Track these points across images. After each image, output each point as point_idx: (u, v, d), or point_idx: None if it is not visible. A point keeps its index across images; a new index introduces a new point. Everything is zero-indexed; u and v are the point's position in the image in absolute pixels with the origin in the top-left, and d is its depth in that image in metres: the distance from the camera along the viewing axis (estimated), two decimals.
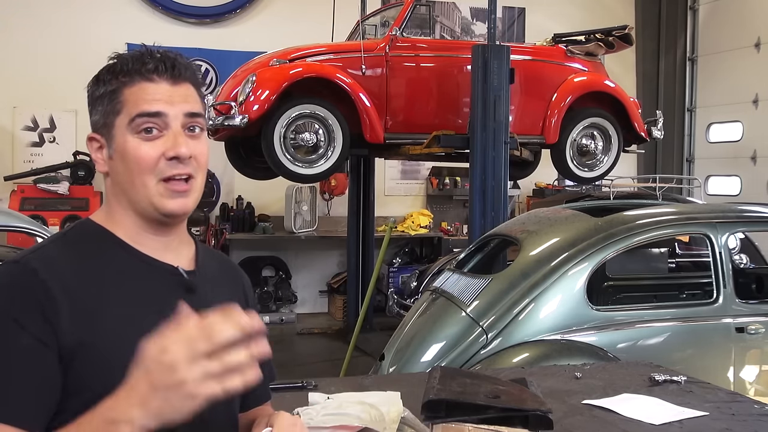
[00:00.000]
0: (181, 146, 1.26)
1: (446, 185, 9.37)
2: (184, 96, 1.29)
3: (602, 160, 6.75)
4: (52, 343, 1.14)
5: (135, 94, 1.26)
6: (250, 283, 1.57)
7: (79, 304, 1.19)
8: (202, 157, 1.31)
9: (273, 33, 8.26)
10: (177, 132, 1.27)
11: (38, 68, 8.08)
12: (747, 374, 3.77)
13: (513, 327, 3.55)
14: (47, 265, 1.21)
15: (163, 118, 1.26)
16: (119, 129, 1.27)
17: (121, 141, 1.27)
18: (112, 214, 1.33)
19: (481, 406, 1.89)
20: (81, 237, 1.31)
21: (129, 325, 1.21)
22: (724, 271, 3.80)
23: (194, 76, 1.34)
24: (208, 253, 1.47)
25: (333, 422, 1.99)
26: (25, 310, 1.15)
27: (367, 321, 7.15)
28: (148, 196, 1.27)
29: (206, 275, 1.40)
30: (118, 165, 1.28)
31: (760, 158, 9.10)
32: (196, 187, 1.30)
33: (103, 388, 1.14)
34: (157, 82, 1.28)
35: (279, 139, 5.66)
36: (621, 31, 6.80)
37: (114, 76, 1.29)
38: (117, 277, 1.26)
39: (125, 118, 1.26)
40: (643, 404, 2.40)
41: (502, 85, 5.60)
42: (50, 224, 7.24)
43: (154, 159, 1.25)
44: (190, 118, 1.29)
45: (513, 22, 9.83)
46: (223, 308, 1.37)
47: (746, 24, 9.27)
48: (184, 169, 1.27)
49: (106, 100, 1.28)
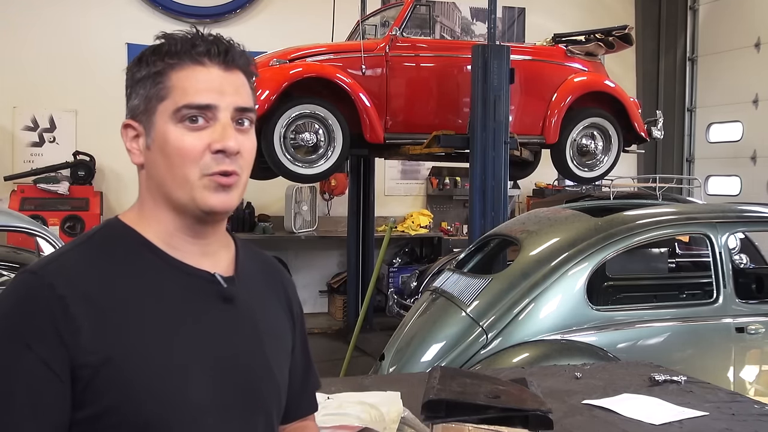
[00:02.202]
0: (229, 139, 1.15)
1: (446, 185, 9.36)
2: (235, 86, 1.18)
3: (602, 160, 6.74)
4: (63, 365, 1.05)
5: (183, 79, 1.15)
6: (293, 283, 1.45)
7: (105, 317, 1.09)
8: (249, 153, 1.20)
9: (273, 33, 8.25)
10: (225, 124, 1.16)
11: (38, 68, 8.07)
12: (747, 374, 3.77)
13: (513, 327, 3.55)
14: (67, 276, 1.10)
15: (212, 110, 1.15)
16: (162, 116, 1.16)
17: (162, 130, 1.15)
18: (144, 212, 1.21)
19: (481, 406, 1.89)
20: (108, 240, 1.19)
21: (160, 340, 1.12)
22: (724, 271, 3.80)
23: (247, 65, 1.21)
24: (249, 255, 1.33)
25: (333, 422, 2.00)
26: (35, 330, 1.05)
27: (367, 321, 7.14)
28: (189, 190, 1.15)
29: (247, 281, 1.27)
30: (157, 156, 1.17)
31: (760, 158, 9.09)
32: (240, 183, 1.19)
33: (127, 414, 1.08)
34: (209, 66, 1.16)
35: (279, 139, 5.65)
36: (621, 31, 6.79)
37: (160, 57, 1.16)
38: (147, 286, 1.15)
39: (170, 105, 1.15)
40: (643, 404, 2.40)
41: (502, 85, 5.60)
42: (50, 224, 7.23)
43: (198, 151, 1.14)
44: (240, 112, 1.18)
45: (513, 22, 9.82)
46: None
47: (746, 24, 9.26)
48: (230, 165, 1.16)
49: (149, 83, 1.16)
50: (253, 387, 1.22)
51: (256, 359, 1.24)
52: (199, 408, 1.13)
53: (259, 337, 1.25)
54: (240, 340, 1.22)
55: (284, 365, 1.32)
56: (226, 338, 1.20)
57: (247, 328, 1.24)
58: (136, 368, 1.08)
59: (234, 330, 1.21)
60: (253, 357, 1.23)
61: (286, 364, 1.33)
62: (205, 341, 1.17)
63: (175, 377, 1.12)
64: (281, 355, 1.32)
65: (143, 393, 1.08)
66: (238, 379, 1.19)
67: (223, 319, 1.20)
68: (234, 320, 1.22)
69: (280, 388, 1.29)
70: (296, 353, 1.38)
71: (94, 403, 1.07)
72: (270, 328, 1.29)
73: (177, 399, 1.11)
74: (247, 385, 1.21)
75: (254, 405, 1.22)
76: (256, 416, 1.23)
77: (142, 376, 1.08)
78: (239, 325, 1.23)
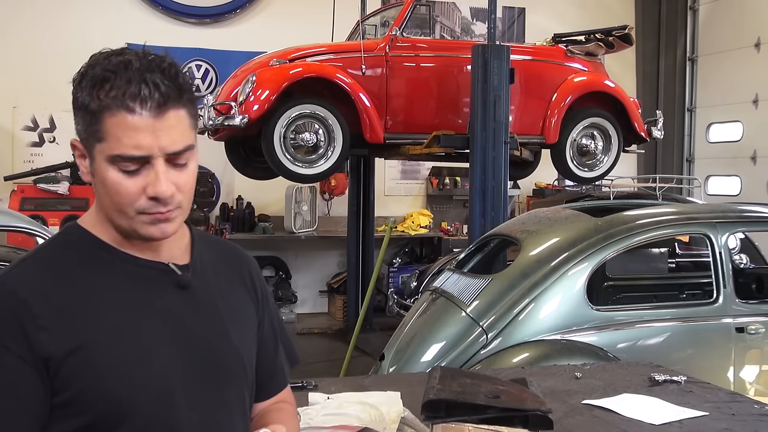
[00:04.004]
0: (161, 186, 1.19)
1: (446, 185, 9.37)
2: (169, 129, 1.19)
3: (602, 160, 6.74)
4: (36, 360, 1.15)
5: (116, 126, 1.17)
6: (256, 266, 1.51)
7: (65, 313, 1.18)
8: (187, 185, 1.24)
9: (273, 33, 8.26)
10: (159, 171, 1.19)
11: (38, 68, 8.07)
12: (747, 374, 3.76)
13: (513, 327, 3.55)
14: (27, 282, 1.20)
15: (146, 158, 1.19)
16: (99, 155, 1.20)
17: (101, 168, 1.20)
18: (99, 215, 1.29)
19: (481, 406, 1.89)
20: (66, 245, 1.28)
21: (120, 330, 1.21)
22: (724, 271, 3.80)
23: (181, 96, 1.21)
24: (206, 243, 1.41)
25: (333, 422, 2.00)
26: (6, 332, 1.15)
27: (367, 321, 7.14)
28: (129, 222, 1.23)
29: (203, 267, 1.36)
30: (99, 188, 1.23)
31: (760, 158, 9.09)
32: (180, 213, 1.25)
33: (95, 398, 1.17)
34: (141, 115, 1.16)
35: (279, 139, 5.65)
36: (621, 31, 6.79)
37: (95, 91, 1.18)
38: (105, 281, 1.24)
39: (106, 149, 1.18)
40: (643, 404, 2.40)
41: (502, 85, 5.60)
42: (50, 224, 7.23)
43: (134, 194, 1.20)
44: (175, 156, 1.21)
45: (513, 22, 9.83)
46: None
47: (746, 24, 9.26)
48: (165, 207, 1.21)
49: (87, 118, 1.19)
50: (218, 364, 1.30)
51: (219, 338, 1.32)
52: (165, 387, 1.22)
53: (220, 318, 1.33)
54: (200, 322, 1.30)
55: (250, 343, 1.40)
56: (186, 321, 1.28)
57: (207, 309, 1.32)
58: (99, 356, 1.18)
59: (193, 312, 1.30)
60: (215, 336, 1.31)
61: (252, 342, 1.41)
62: (165, 325, 1.26)
63: (138, 360, 1.20)
64: (246, 333, 1.40)
65: (108, 377, 1.17)
66: (201, 357, 1.28)
67: (180, 304, 1.29)
68: (192, 304, 1.30)
69: (246, 363, 1.37)
70: (264, 330, 1.46)
71: (64, 391, 1.16)
72: (231, 309, 1.37)
73: (142, 379, 1.20)
74: (211, 362, 1.29)
75: (221, 381, 1.30)
76: (225, 392, 1.31)
77: (106, 362, 1.18)
78: (198, 307, 1.31)
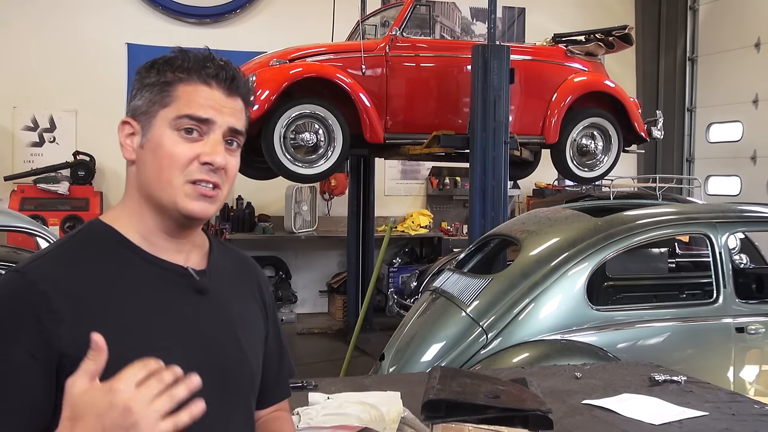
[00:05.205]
0: (217, 155, 1.25)
1: (446, 185, 9.37)
2: (233, 110, 1.29)
3: (602, 160, 6.74)
4: (48, 355, 1.13)
5: (189, 93, 1.25)
6: (266, 278, 1.56)
7: (84, 310, 1.17)
8: (233, 171, 1.30)
9: (273, 33, 8.26)
10: (217, 140, 1.26)
11: (38, 68, 8.08)
12: (747, 374, 3.76)
13: (513, 327, 3.55)
14: (48, 273, 1.19)
15: (209, 125, 1.26)
16: (161, 121, 1.25)
17: (159, 133, 1.25)
18: (127, 209, 1.30)
19: (481, 406, 1.89)
20: (89, 239, 1.28)
21: (136, 330, 1.20)
22: (724, 271, 3.80)
23: (248, 94, 1.33)
24: (222, 251, 1.44)
25: (333, 422, 2.00)
26: (21, 324, 1.14)
27: (367, 321, 7.15)
28: (172, 193, 1.25)
29: (219, 274, 1.37)
30: (148, 156, 1.26)
31: (760, 158, 9.09)
32: (220, 196, 1.29)
33: None
34: (214, 88, 1.27)
35: (279, 139, 5.65)
36: (621, 31, 6.79)
37: (172, 69, 1.27)
38: (125, 280, 1.24)
39: (172, 112, 1.25)
40: (643, 404, 2.40)
41: (502, 85, 5.60)
42: (50, 224, 7.24)
43: (187, 158, 1.24)
44: (233, 133, 1.29)
45: (513, 22, 9.83)
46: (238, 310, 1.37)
47: (746, 24, 9.26)
48: (213, 177, 1.26)
49: (156, 89, 1.26)
50: (229, 371, 1.31)
51: (230, 345, 1.33)
52: None
53: (232, 325, 1.35)
54: (213, 328, 1.31)
55: (258, 352, 1.43)
56: (200, 326, 1.29)
57: (220, 316, 1.33)
58: (113, 354, 1.14)
59: (207, 318, 1.30)
60: (227, 343, 1.33)
61: (260, 351, 1.43)
62: (180, 328, 1.26)
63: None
64: (255, 342, 1.42)
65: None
66: (213, 362, 1.27)
67: (196, 309, 1.30)
68: (207, 310, 1.31)
69: (254, 373, 1.39)
70: (270, 342, 1.49)
71: None
72: (243, 318, 1.39)
73: None
74: (222, 369, 1.29)
75: (230, 388, 1.31)
76: (233, 399, 1.32)
77: (117, 366, 1.13)
78: (212, 314, 1.32)
